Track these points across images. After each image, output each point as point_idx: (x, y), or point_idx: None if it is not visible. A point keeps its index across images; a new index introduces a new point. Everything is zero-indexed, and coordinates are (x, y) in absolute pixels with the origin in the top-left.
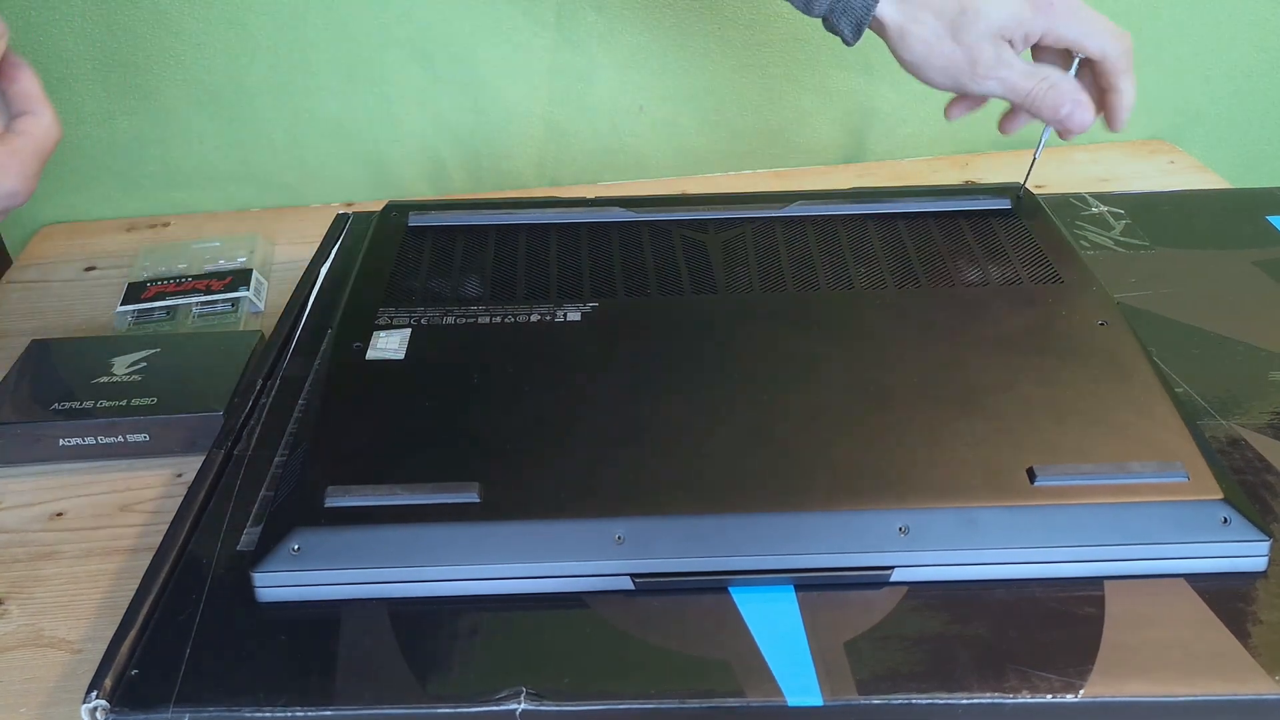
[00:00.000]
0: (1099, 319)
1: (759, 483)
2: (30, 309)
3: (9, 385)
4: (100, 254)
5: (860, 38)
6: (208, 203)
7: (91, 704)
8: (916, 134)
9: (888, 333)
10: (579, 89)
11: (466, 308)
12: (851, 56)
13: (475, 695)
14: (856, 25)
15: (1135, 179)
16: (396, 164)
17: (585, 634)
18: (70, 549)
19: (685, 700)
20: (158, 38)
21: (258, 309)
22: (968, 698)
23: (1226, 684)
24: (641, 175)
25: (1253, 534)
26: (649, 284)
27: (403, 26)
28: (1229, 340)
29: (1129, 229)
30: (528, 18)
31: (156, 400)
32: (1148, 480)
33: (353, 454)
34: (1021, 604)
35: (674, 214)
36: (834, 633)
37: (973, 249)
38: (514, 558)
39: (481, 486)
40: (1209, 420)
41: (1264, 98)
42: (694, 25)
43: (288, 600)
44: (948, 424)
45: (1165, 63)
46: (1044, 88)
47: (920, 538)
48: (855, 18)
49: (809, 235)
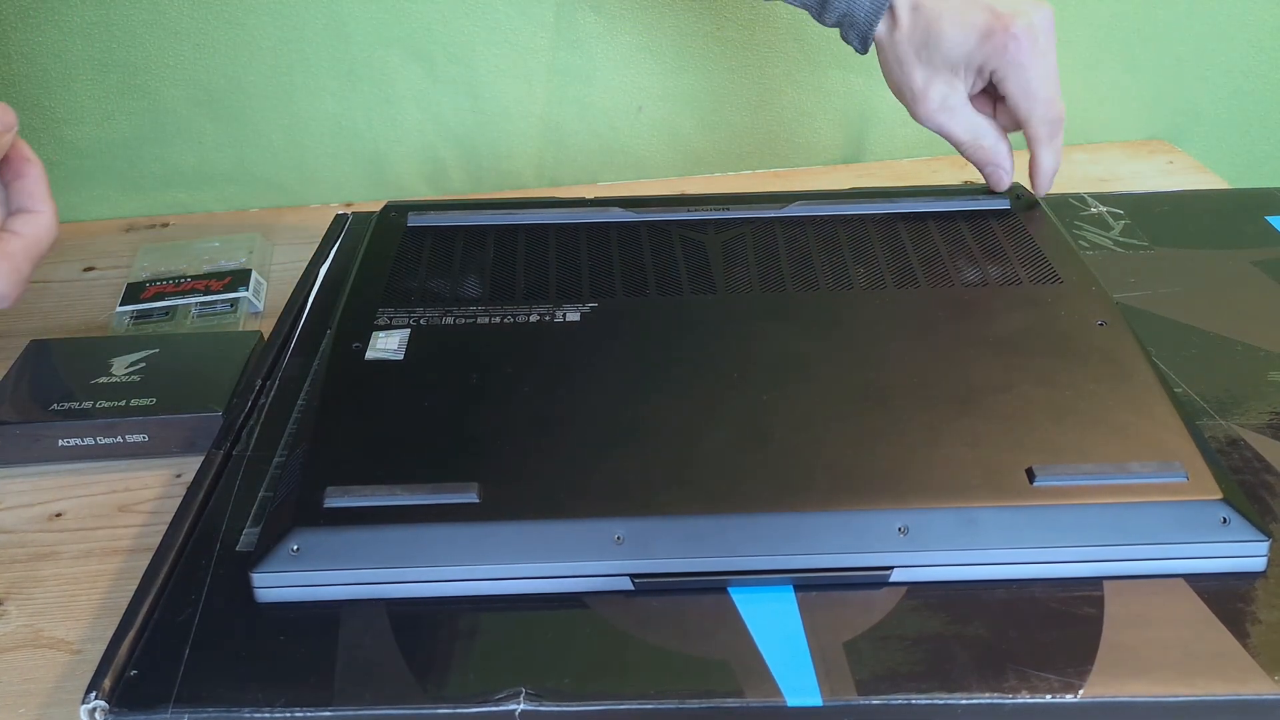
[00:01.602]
0: (1098, 319)
1: (758, 483)
2: (29, 309)
3: (8, 385)
4: (99, 254)
5: (869, 49)
6: (207, 203)
7: (90, 704)
8: (916, 134)
9: (887, 333)
10: (578, 89)
11: (466, 308)
12: (851, 57)
13: (475, 695)
14: (863, 38)
15: (1134, 179)
16: (395, 164)
17: (585, 634)
18: (69, 549)
19: (685, 700)
20: (157, 38)
21: (257, 309)
22: (967, 698)
23: (1226, 684)
24: (641, 175)
25: (1252, 534)
26: (648, 284)
27: (402, 26)
28: (1228, 340)
29: (1128, 229)
30: (526, 18)
31: (155, 400)
32: (1147, 480)
33: (352, 454)
34: (1021, 604)
35: (673, 214)
36: (833, 633)
37: (972, 249)
38: (513, 558)
39: (481, 487)
40: (1208, 420)
41: (1263, 98)
42: (693, 25)
43: (287, 601)
44: (947, 424)
45: (1164, 63)
46: (975, 144)
47: (920, 538)
48: (861, 31)
49: (808, 235)
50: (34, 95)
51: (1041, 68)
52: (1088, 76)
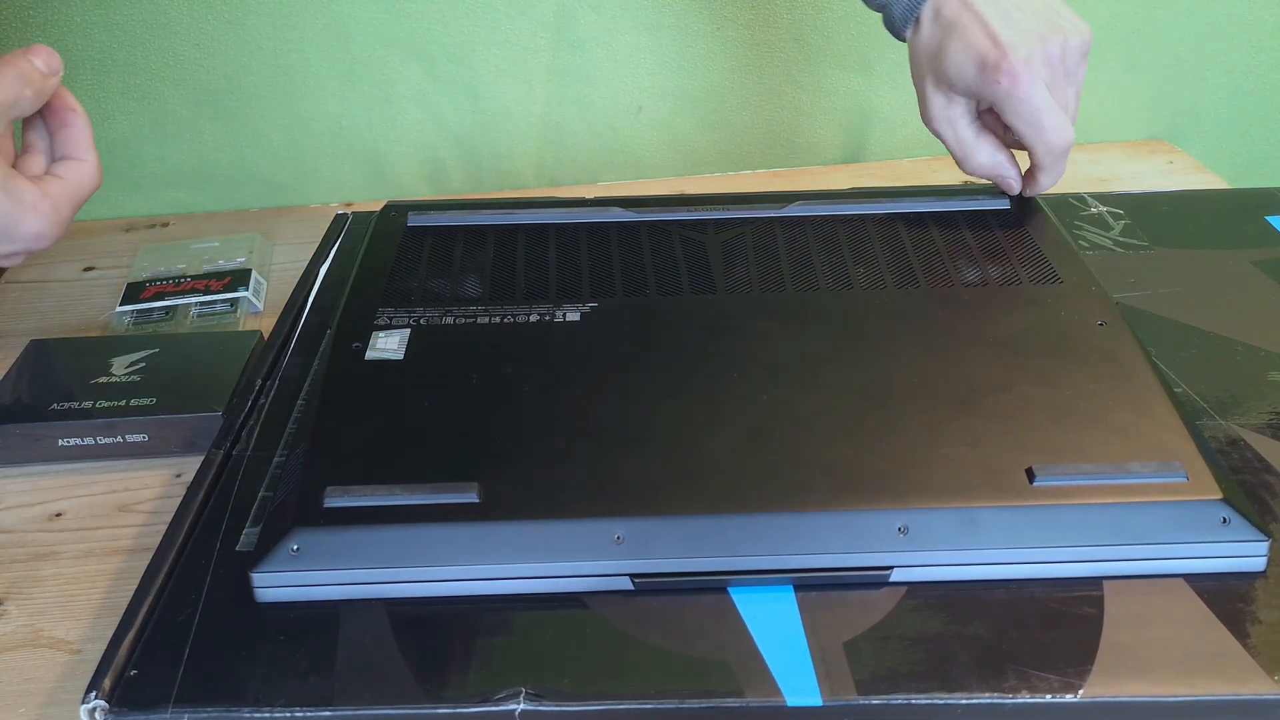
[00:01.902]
0: (1098, 319)
1: (758, 483)
2: (29, 309)
3: (8, 385)
4: (99, 254)
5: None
6: (207, 203)
7: (90, 704)
8: (916, 134)
9: (887, 333)
10: (578, 89)
11: (466, 308)
12: (851, 57)
13: (475, 695)
14: (896, 34)
15: (1134, 179)
16: (395, 164)
17: (585, 634)
18: (69, 549)
19: (684, 700)
20: (157, 38)
21: (257, 309)
22: (967, 698)
23: (1226, 684)
24: (640, 175)
25: (1252, 534)
26: (648, 284)
27: (402, 26)
28: (1228, 340)
29: (1128, 229)
30: (526, 18)
31: (155, 400)
32: (1147, 480)
33: (352, 454)
34: (1021, 604)
35: (673, 214)
36: (833, 633)
37: (972, 249)
38: (513, 558)
39: (481, 487)
40: (1208, 420)
41: (1263, 98)
42: (693, 25)
43: (287, 600)
44: (947, 424)
45: (1164, 63)
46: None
47: (919, 538)
48: (894, 27)
49: (808, 235)
50: None
51: (1040, 100)
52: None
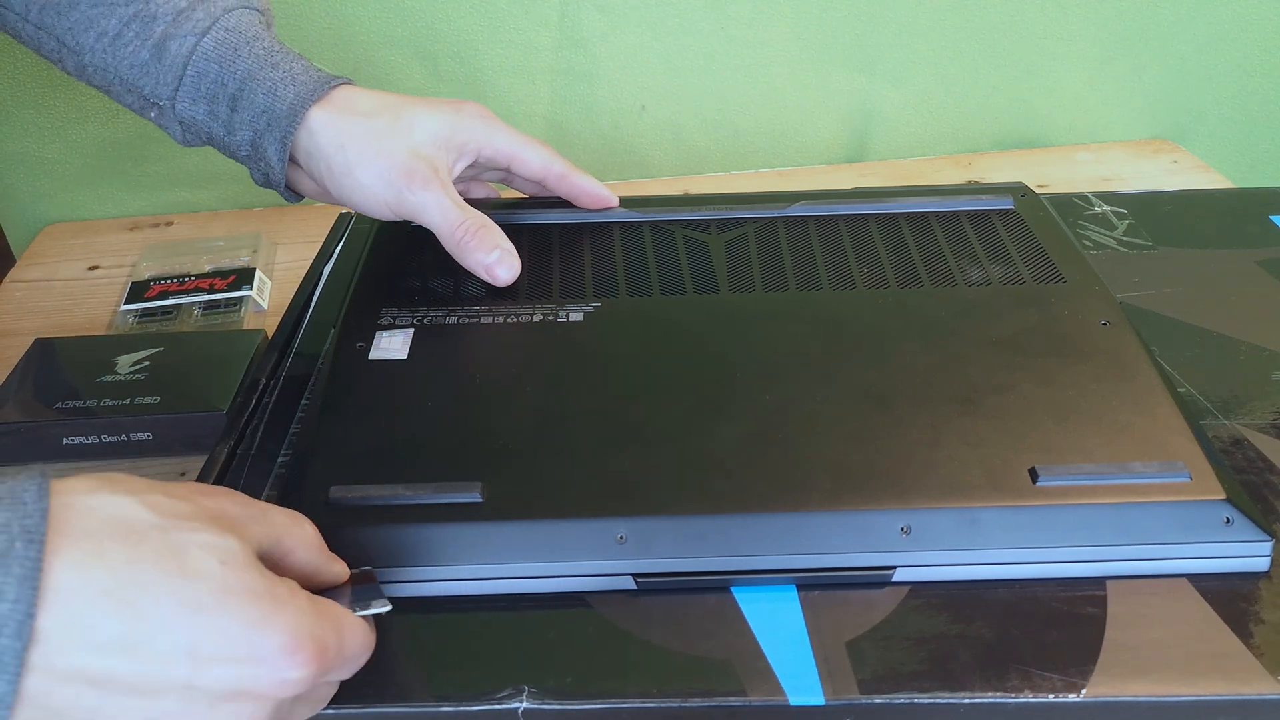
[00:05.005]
0: (1101, 319)
1: (761, 482)
2: (34, 308)
3: (12, 384)
4: (103, 253)
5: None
6: (211, 202)
7: None
8: (919, 133)
9: (890, 332)
10: (582, 88)
11: (469, 308)
12: (854, 56)
13: (477, 694)
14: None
15: (1138, 179)
16: None
17: (587, 633)
18: None
19: (687, 699)
20: None
21: (261, 308)
22: (970, 697)
23: (1229, 684)
24: (643, 175)
25: (1255, 534)
26: (651, 284)
27: (405, 26)
28: (1232, 340)
29: (1132, 229)
30: (530, 17)
31: (160, 399)
32: (1150, 480)
33: (355, 454)
34: (1024, 604)
35: (676, 214)
36: (836, 632)
37: (975, 249)
38: (516, 557)
39: (484, 486)
40: (1211, 420)
41: (1268, 97)
42: (696, 24)
43: None
44: (950, 424)
45: (1168, 62)
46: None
47: (922, 538)
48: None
49: (811, 235)
50: (40, 95)
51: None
52: (1092, 76)
